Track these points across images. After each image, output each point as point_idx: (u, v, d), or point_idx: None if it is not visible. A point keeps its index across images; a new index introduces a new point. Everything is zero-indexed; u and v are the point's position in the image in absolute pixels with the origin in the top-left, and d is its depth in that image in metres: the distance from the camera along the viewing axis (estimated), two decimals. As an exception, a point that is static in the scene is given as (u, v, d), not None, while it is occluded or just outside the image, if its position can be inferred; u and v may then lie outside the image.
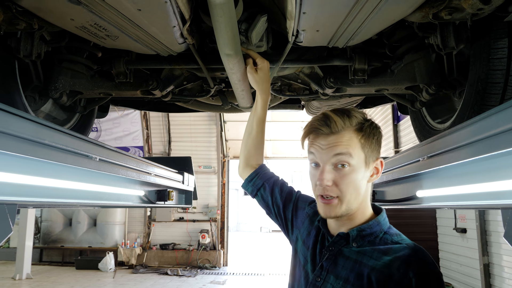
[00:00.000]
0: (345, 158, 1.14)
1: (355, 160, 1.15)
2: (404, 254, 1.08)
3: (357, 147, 1.16)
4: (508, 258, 5.65)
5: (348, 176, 1.15)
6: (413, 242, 1.14)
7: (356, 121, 1.18)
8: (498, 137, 1.06)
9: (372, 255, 1.12)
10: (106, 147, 1.69)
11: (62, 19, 1.56)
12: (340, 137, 1.16)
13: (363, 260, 1.13)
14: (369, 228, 1.18)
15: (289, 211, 1.50)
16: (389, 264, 1.07)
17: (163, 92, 2.33)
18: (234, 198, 25.40)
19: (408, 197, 1.78)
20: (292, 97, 2.57)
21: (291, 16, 1.48)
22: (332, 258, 1.19)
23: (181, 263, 12.23)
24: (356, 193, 1.16)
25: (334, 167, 1.15)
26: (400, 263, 1.06)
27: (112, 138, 12.31)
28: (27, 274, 10.33)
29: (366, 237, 1.18)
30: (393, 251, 1.10)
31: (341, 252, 1.19)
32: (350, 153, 1.14)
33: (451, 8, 1.48)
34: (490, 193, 1.19)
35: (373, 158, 1.19)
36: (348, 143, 1.15)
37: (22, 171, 1.19)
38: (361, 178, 1.17)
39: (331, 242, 1.22)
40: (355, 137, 1.16)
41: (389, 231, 1.19)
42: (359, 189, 1.17)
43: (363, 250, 1.15)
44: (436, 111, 2.31)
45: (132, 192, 2.24)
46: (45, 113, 2.31)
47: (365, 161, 1.17)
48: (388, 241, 1.15)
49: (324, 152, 1.16)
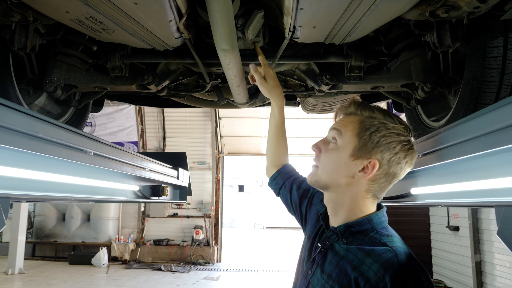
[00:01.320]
0: (335, 133, 1.20)
1: (343, 140, 1.18)
2: (384, 258, 1.05)
3: (351, 131, 1.17)
4: (499, 256, 5.71)
5: (330, 151, 1.20)
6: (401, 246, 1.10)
7: (369, 113, 1.19)
8: (493, 135, 1.07)
9: (357, 254, 1.11)
10: (101, 141, 1.68)
11: (57, 11, 1.54)
12: (346, 118, 1.23)
13: (348, 258, 1.12)
14: (359, 225, 1.16)
15: (304, 207, 1.51)
16: (368, 266, 1.05)
17: (159, 87, 2.32)
18: (229, 194, 25.40)
19: (403, 194, 1.79)
20: (288, 93, 2.57)
21: (288, 12, 1.48)
22: (323, 252, 1.21)
23: (175, 259, 12.23)
24: (331, 172, 1.19)
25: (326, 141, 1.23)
26: (378, 267, 1.03)
27: (107, 133, 12.25)
28: (20, 269, 10.28)
29: (356, 234, 1.16)
30: (375, 253, 1.07)
31: (332, 247, 1.19)
32: (341, 131, 1.19)
33: (448, 6, 1.48)
34: (484, 191, 1.20)
35: (366, 155, 1.15)
36: (346, 124, 1.20)
37: (15, 164, 1.18)
38: (342, 161, 1.17)
39: (325, 236, 1.24)
40: (357, 123, 1.18)
41: (381, 231, 1.15)
42: (335, 170, 1.18)
43: (350, 248, 1.14)
44: (431, 109, 2.32)
45: (126, 187, 2.23)
46: (39, 107, 2.29)
47: (354, 150, 1.15)
48: (375, 241, 1.12)
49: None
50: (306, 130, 12.19)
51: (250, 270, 11.55)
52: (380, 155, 1.14)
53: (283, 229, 24.72)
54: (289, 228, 24.14)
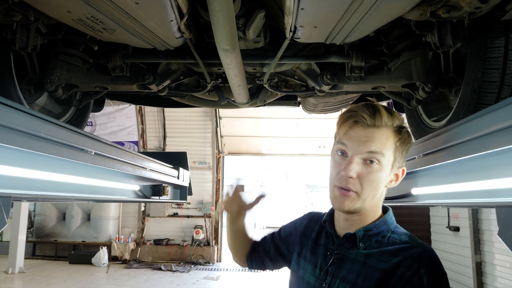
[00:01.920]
0: (378, 156, 1.10)
1: (385, 160, 1.11)
2: (414, 252, 1.05)
3: (390, 149, 1.12)
4: (500, 256, 5.70)
5: (374, 174, 1.10)
6: (423, 242, 1.11)
7: (398, 122, 1.14)
8: (493, 135, 1.07)
9: (382, 257, 1.08)
10: (102, 141, 1.68)
11: (59, 11, 1.54)
12: (379, 133, 1.11)
13: (372, 263, 1.09)
14: (376, 228, 1.16)
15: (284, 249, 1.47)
16: (398, 264, 1.04)
17: (160, 87, 2.32)
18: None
19: (403, 194, 1.79)
20: (288, 93, 2.58)
21: (289, 11, 1.48)
22: (338, 262, 1.15)
23: (175, 259, 12.22)
24: (374, 193, 1.12)
25: (363, 161, 1.11)
26: (410, 262, 1.03)
27: (107, 132, 12.24)
28: (20, 268, 10.28)
29: (373, 237, 1.15)
30: (402, 251, 1.07)
31: (347, 255, 1.15)
32: (383, 152, 1.10)
33: (449, 7, 1.48)
34: (485, 191, 1.20)
35: (399, 165, 1.16)
36: (385, 142, 1.11)
37: (17, 163, 1.18)
38: (383, 180, 1.13)
39: (337, 245, 1.19)
40: (392, 138, 1.12)
41: (397, 230, 1.16)
42: (378, 190, 1.13)
43: (371, 253, 1.11)
44: (431, 109, 2.32)
45: (127, 186, 2.23)
46: (40, 106, 2.29)
47: (392, 165, 1.14)
48: (396, 241, 1.12)
49: (358, 143, 1.10)
50: (306, 130, 12.19)
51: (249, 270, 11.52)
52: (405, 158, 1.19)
53: (283, 229, 24.65)
54: (289, 228, 24.07)
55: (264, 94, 2.77)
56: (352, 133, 1.12)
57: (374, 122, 1.10)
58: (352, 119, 1.13)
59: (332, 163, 1.17)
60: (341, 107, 3.42)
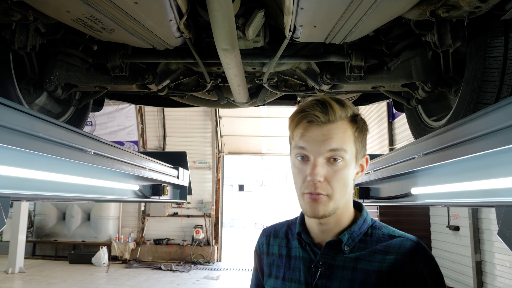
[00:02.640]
0: (341, 153, 1.03)
1: (348, 155, 1.05)
2: (405, 247, 1.03)
3: (351, 141, 1.06)
4: (500, 256, 5.70)
5: (340, 171, 1.04)
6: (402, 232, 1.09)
7: (351, 111, 1.08)
8: (493, 135, 1.07)
9: (373, 258, 1.04)
10: (101, 140, 1.68)
11: (58, 10, 1.54)
12: (336, 128, 1.04)
13: (363, 267, 1.04)
14: (359, 229, 1.10)
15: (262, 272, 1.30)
16: (393, 263, 1.01)
17: (159, 86, 2.32)
18: (229, 193, 25.40)
19: (403, 194, 1.79)
20: (288, 93, 2.57)
21: (288, 11, 1.48)
22: (326, 273, 1.07)
23: (175, 258, 12.23)
24: (344, 191, 1.06)
25: (326, 161, 1.04)
26: (406, 258, 1.01)
27: (107, 132, 12.25)
28: (20, 268, 10.28)
29: (356, 238, 1.09)
30: (392, 247, 1.04)
31: (334, 263, 1.07)
32: (344, 148, 1.04)
33: (449, 6, 1.48)
34: (484, 191, 1.20)
35: (361, 154, 1.11)
36: (343, 135, 1.04)
37: (16, 164, 1.18)
38: (351, 175, 1.07)
39: (320, 255, 1.10)
40: (350, 129, 1.06)
41: (376, 225, 1.12)
42: (348, 186, 1.07)
43: (360, 255, 1.06)
44: (431, 108, 2.32)
45: (126, 186, 2.23)
46: (40, 106, 2.29)
47: (356, 157, 1.08)
48: (381, 237, 1.08)
49: (317, 144, 1.03)
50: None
51: (250, 269, 11.54)
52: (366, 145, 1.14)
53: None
54: (289, 227, 24.07)
55: (263, 93, 2.77)
56: (308, 134, 1.05)
57: (328, 118, 1.04)
58: (305, 120, 1.06)
59: (295, 170, 1.09)
60: (341, 107, 3.41)
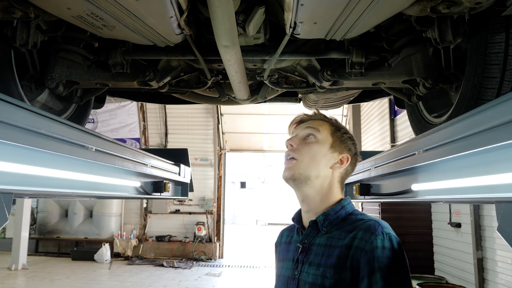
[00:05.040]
0: (312, 131, 1.33)
1: (320, 136, 1.32)
2: (366, 224, 1.19)
3: (326, 130, 1.34)
4: (501, 252, 5.70)
5: (310, 144, 1.31)
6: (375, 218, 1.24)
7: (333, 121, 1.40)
8: (493, 130, 1.07)
9: (341, 235, 1.21)
10: (103, 137, 1.68)
11: (59, 8, 1.54)
12: (315, 121, 1.37)
13: (333, 243, 1.21)
14: (333, 212, 1.28)
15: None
16: (353, 237, 1.17)
17: (160, 83, 2.33)
18: (231, 191, 25.44)
19: (404, 190, 1.79)
20: (289, 89, 2.57)
21: (289, 7, 1.48)
22: (306, 250, 1.27)
23: (177, 255, 12.27)
24: (312, 163, 1.29)
25: (303, 138, 1.34)
26: (363, 232, 1.16)
27: (109, 129, 12.27)
28: (23, 265, 10.34)
29: (333, 221, 1.27)
30: (357, 226, 1.20)
31: (314, 242, 1.27)
32: (318, 128, 1.33)
33: (449, 2, 1.48)
34: (484, 187, 1.20)
35: (340, 150, 1.33)
36: (320, 124, 1.35)
37: (18, 160, 1.19)
38: (322, 155, 1.31)
39: (304, 235, 1.31)
40: (327, 125, 1.36)
41: (355, 212, 1.29)
42: (315, 160, 1.30)
43: (332, 234, 1.24)
44: (432, 105, 2.32)
45: (128, 183, 2.23)
46: (41, 103, 2.29)
47: (331, 145, 1.33)
48: (353, 221, 1.24)
49: (298, 129, 1.37)
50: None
51: (252, 266, 11.57)
52: (348, 151, 1.36)
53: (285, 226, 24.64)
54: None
55: (264, 90, 2.77)
56: (296, 127, 1.40)
57: (311, 116, 1.40)
58: (297, 118, 1.42)
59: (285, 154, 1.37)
60: (342, 103, 3.41)
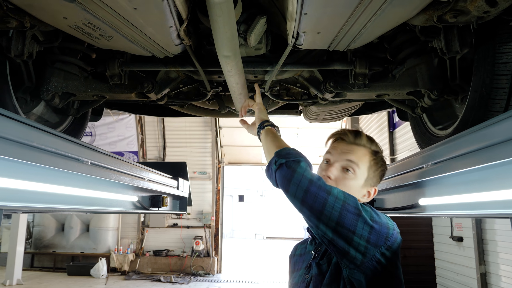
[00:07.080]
0: (353, 165, 1.34)
1: (359, 172, 1.34)
2: None
3: (365, 164, 1.35)
4: (505, 267, 5.62)
5: (348, 180, 1.34)
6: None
7: (376, 147, 1.40)
8: (508, 143, 1.02)
9: None
10: (98, 150, 1.63)
11: (55, 17, 1.50)
12: (358, 150, 1.37)
13: None
14: None
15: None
16: None
17: (159, 95, 2.28)
18: (229, 204, 25.27)
19: (410, 205, 1.74)
20: (290, 101, 2.53)
21: (291, 17, 1.44)
22: (319, 256, 1.33)
23: (175, 270, 12.10)
24: None
25: (341, 169, 1.35)
26: None
27: (107, 143, 12.23)
28: (18, 280, 10.16)
29: None
30: None
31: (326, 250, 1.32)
32: (358, 164, 1.34)
33: (457, 11, 1.44)
34: (498, 202, 1.15)
35: (371, 183, 1.38)
36: (361, 157, 1.36)
37: (9, 174, 1.13)
38: (355, 189, 1.33)
39: (318, 243, 1.37)
40: (368, 156, 1.37)
41: None
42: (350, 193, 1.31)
43: None
44: (436, 117, 2.28)
45: (125, 197, 2.17)
46: (37, 116, 2.24)
47: (365, 180, 1.36)
48: None
49: (340, 154, 1.37)
50: (307, 139, 12.15)
51: (250, 281, 11.42)
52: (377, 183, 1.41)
53: (283, 239, 24.55)
54: (290, 238, 23.97)
55: (265, 102, 2.73)
56: (336, 145, 1.41)
57: (355, 140, 1.39)
58: (338, 135, 1.43)
59: (318, 170, 1.41)
60: (343, 116, 3.37)
